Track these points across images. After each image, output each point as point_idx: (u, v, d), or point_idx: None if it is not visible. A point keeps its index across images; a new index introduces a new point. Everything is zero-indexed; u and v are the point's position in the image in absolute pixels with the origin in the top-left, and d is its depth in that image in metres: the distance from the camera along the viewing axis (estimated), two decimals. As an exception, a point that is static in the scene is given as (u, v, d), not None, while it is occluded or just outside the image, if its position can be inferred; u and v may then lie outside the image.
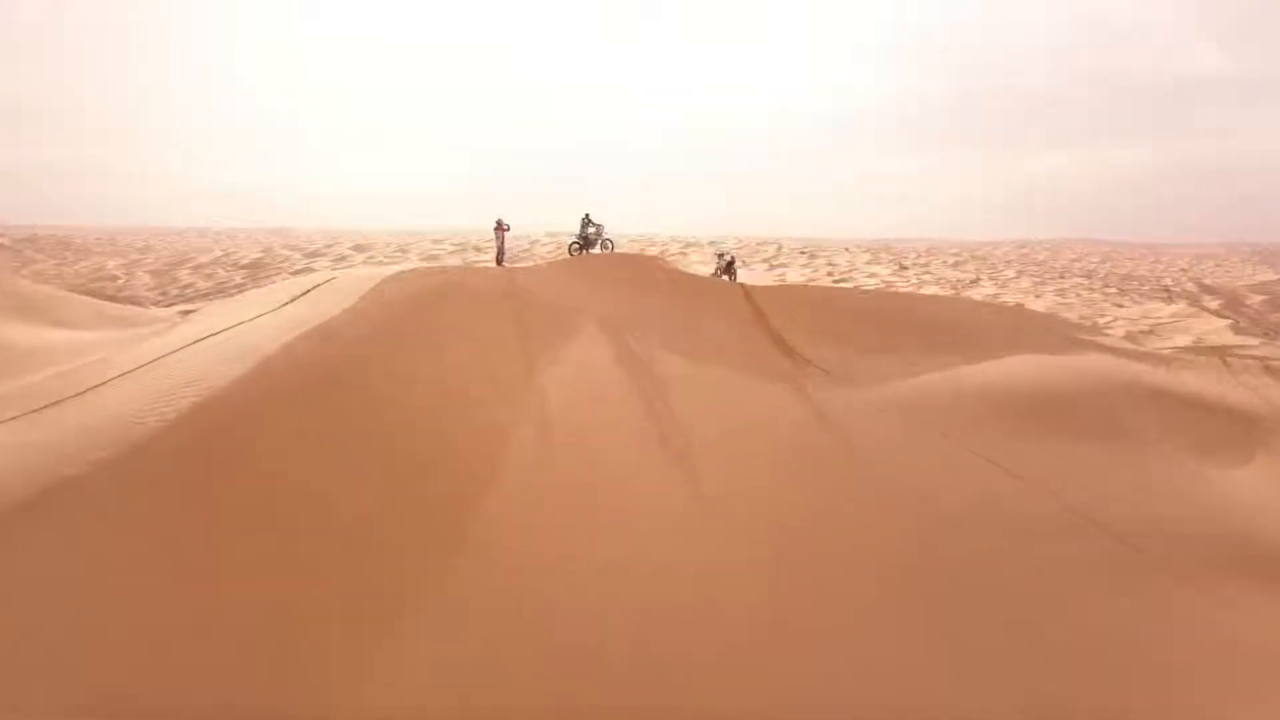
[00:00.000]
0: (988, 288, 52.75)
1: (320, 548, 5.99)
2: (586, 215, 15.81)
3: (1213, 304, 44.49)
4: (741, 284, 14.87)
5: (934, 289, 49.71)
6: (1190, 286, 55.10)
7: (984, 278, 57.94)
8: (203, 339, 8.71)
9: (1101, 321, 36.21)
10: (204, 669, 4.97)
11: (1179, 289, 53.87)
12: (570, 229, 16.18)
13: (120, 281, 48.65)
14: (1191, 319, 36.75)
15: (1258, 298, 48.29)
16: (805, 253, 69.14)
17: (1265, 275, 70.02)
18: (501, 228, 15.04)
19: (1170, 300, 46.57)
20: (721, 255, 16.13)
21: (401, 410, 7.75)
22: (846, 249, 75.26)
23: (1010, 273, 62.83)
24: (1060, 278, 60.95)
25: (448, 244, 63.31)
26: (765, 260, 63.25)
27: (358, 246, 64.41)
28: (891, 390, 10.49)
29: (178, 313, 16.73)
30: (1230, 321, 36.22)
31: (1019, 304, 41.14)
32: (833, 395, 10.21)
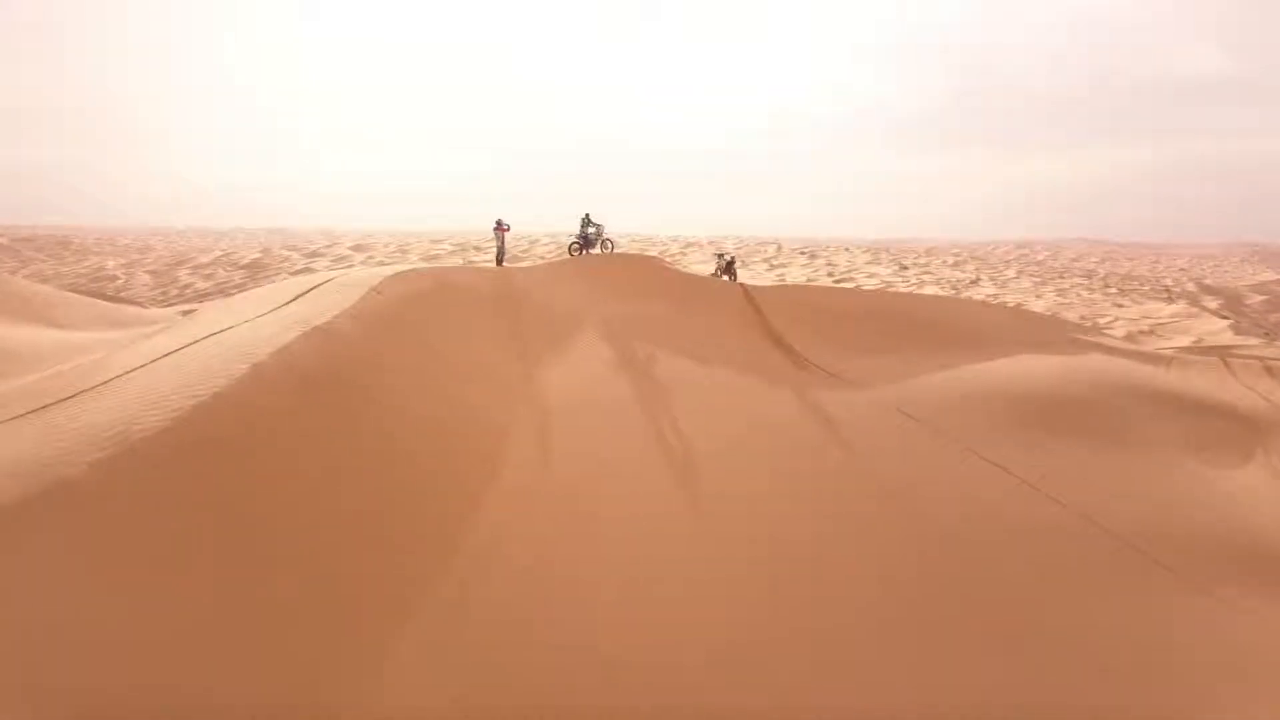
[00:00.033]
0: (988, 288, 52.77)
1: (319, 548, 5.95)
2: (586, 215, 15.79)
3: (1212, 304, 44.53)
4: (741, 284, 14.87)
5: (934, 289, 49.73)
6: (1190, 287, 55.08)
7: (984, 278, 57.96)
8: (202, 339, 8.67)
9: (1102, 322, 36.21)
10: (203, 669, 4.95)
11: (1179, 289, 53.84)
12: (570, 228, 16.16)
13: (120, 281, 48.61)
14: (1191, 319, 36.80)
15: (1258, 298, 48.33)
16: (805, 253, 69.18)
17: (1265, 275, 70.03)
18: (501, 228, 15.02)
19: (1170, 300, 46.56)
20: (721, 255, 16.13)
21: (400, 411, 7.72)
22: (846, 249, 75.28)
23: (1010, 273, 62.86)
24: (1060, 278, 60.96)
25: (447, 244, 63.28)
26: (765, 260, 63.25)
27: (357, 246, 64.39)
28: (892, 391, 10.48)
29: (177, 313, 16.69)
30: (1230, 322, 36.26)
31: (1019, 304, 41.17)
32: (833, 396, 10.19)
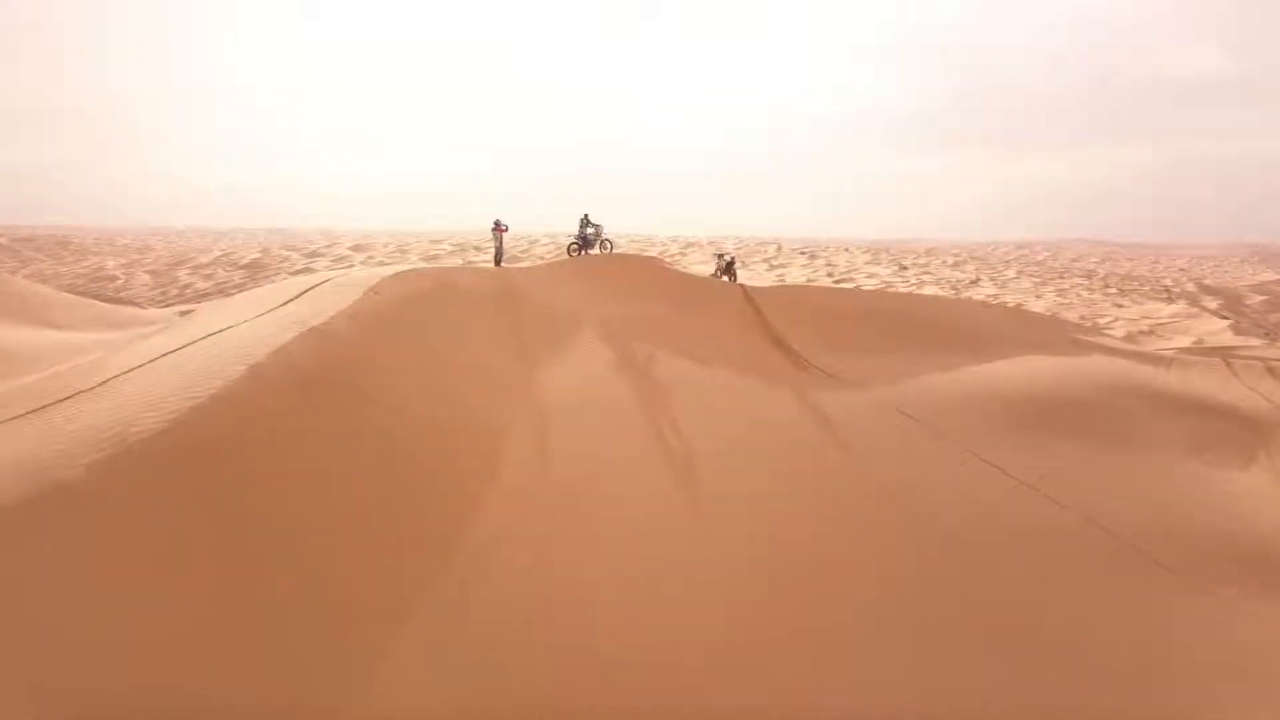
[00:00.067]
0: (988, 288, 52.75)
1: (317, 548, 5.94)
2: (585, 215, 15.75)
3: (1212, 304, 44.48)
4: (741, 285, 14.85)
5: (934, 289, 49.71)
6: (1190, 287, 55.03)
7: (984, 278, 57.94)
8: (199, 340, 8.65)
9: (1102, 322, 36.19)
10: (203, 670, 4.94)
11: (1179, 289, 53.80)
12: (570, 229, 16.12)
13: (120, 282, 48.55)
14: (1191, 319, 36.77)
15: (1258, 298, 48.26)
16: (805, 253, 69.16)
17: (1265, 275, 70.00)
18: (500, 228, 14.97)
19: (1170, 301, 46.52)
20: (721, 256, 16.12)
21: (399, 411, 7.70)
22: (846, 249, 75.26)
23: (1010, 273, 62.83)
24: (1060, 278, 60.93)
25: (447, 244, 63.25)
26: (765, 260, 63.24)
27: (357, 246, 64.35)
28: (891, 392, 10.46)
29: (175, 313, 16.66)
30: (1230, 322, 36.23)
31: (1019, 304, 41.15)
32: (832, 396, 10.17)
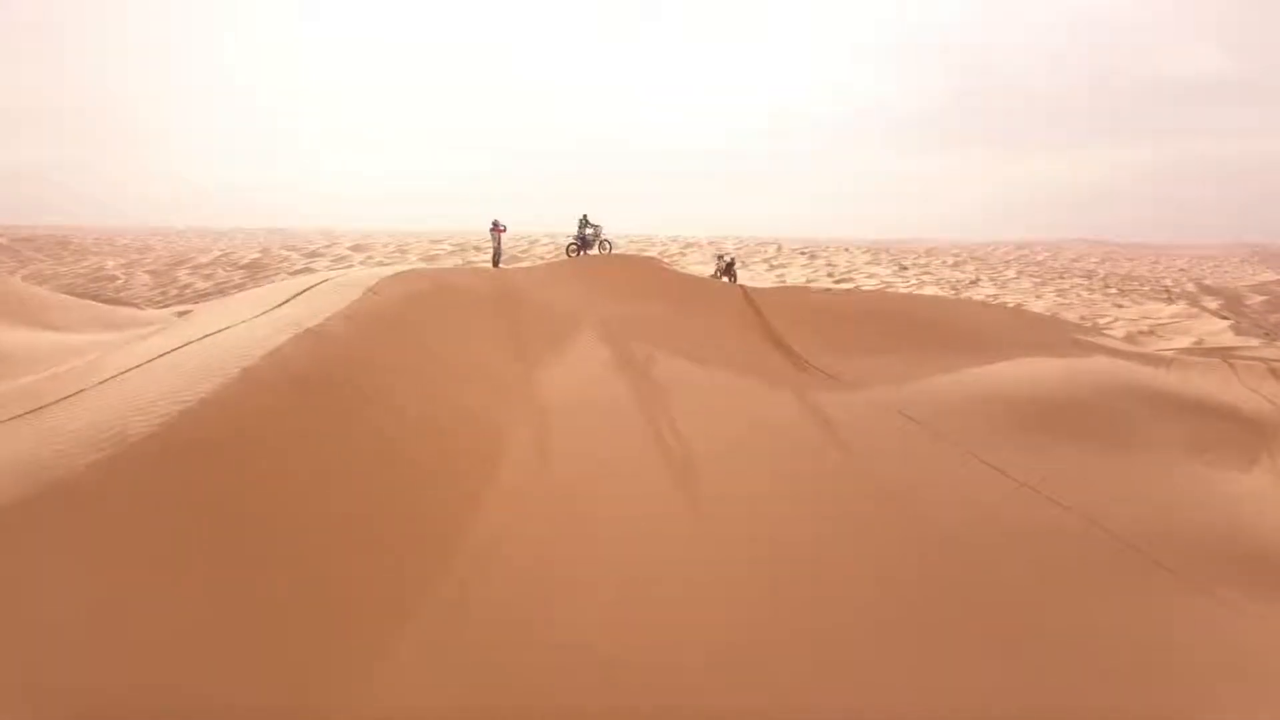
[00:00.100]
0: (988, 288, 52.74)
1: (317, 549, 5.93)
2: (584, 216, 15.69)
3: (1212, 305, 44.45)
4: (741, 286, 14.81)
5: (934, 289, 49.70)
6: (1190, 287, 55.01)
7: (984, 278, 57.92)
8: (195, 341, 8.61)
9: (1102, 322, 36.17)
10: (202, 670, 4.93)
11: (1179, 290, 53.78)
12: (570, 229, 16.06)
13: (119, 282, 48.52)
14: (1192, 320, 36.76)
15: (1258, 298, 48.24)
16: (805, 253, 69.14)
17: (1265, 276, 70.00)
18: (498, 229, 14.91)
19: (1170, 301, 46.50)
20: (721, 257, 16.09)
21: (397, 412, 7.68)
22: (846, 249, 75.23)
23: (1010, 273, 62.82)
24: (1060, 278, 60.90)
25: (447, 244, 63.24)
26: (765, 260, 63.24)
27: (356, 246, 64.34)
28: (892, 393, 10.42)
29: (173, 314, 16.62)
30: (1230, 322, 36.22)
31: (1019, 304, 41.15)
32: (832, 398, 10.14)
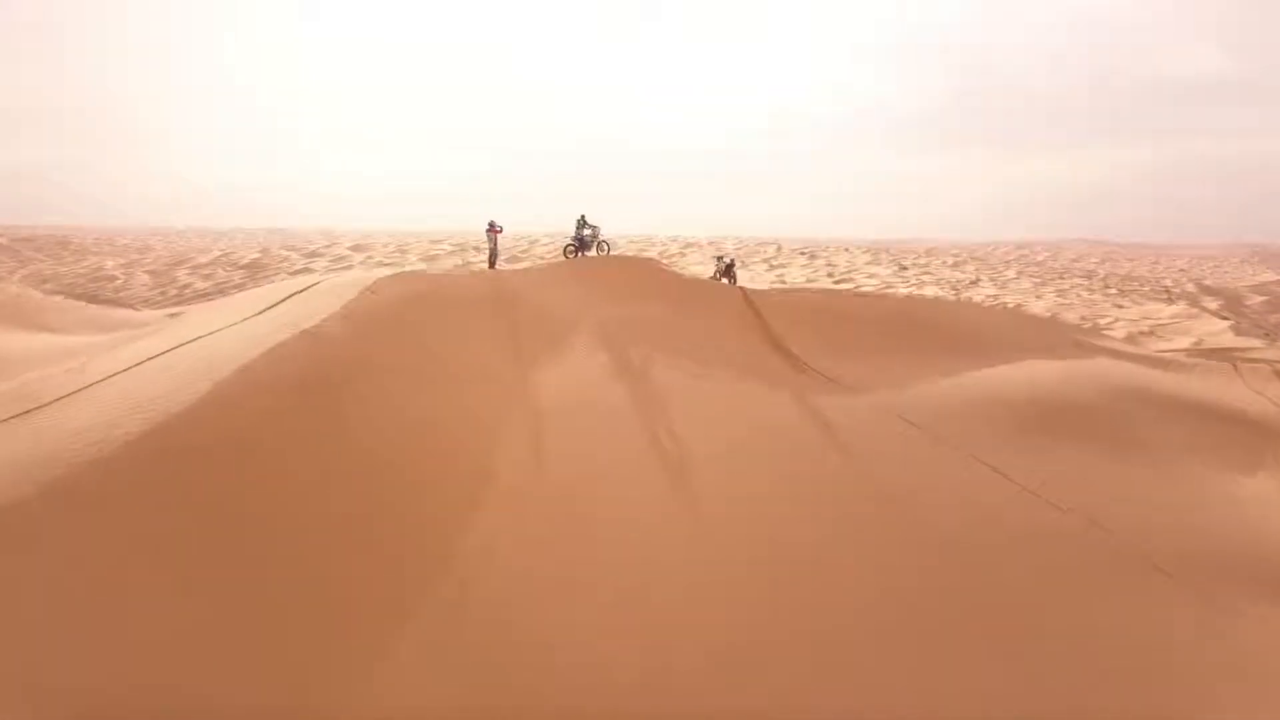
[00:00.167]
0: (988, 288, 52.69)
1: (317, 549, 5.96)
2: (582, 216, 15.61)
3: (1213, 305, 44.39)
4: (741, 287, 14.74)
5: (934, 289, 49.68)
6: (1190, 287, 54.97)
7: (984, 278, 57.89)
8: (191, 342, 8.57)
9: (1102, 323, 36.13)
10: (202, 670, 4.95)
11: (1179, 290, 53.74)
12: (570, 229, 15.97)
13: (119, 281, 48.44)
14: (1192, 320, 36.71)
15: (1258, 299, 48.16)
16: (805, 253, 69.09)
17: (1265, 276, 69.98)
18: (494, 229, 14.84)
19: (1170, 301, 46.45)
20: (721, 258, 16.04)
21: (394, 413, 7.68)
22: (846, 249, 75.20)
23: (1010, 273, 62.78)
24: (1060, 278, 60.85)
25: (446, 244, 63.20)
26: (765, 260, 63.22)
27: (356, 246, 64.29)
28: (892, 396, 10.36)
29: (166, 315, 16.55)
30: (1231, 323, 36.16)
31: (1019, 305, 41.13)
32: (832, 400, 10.07)
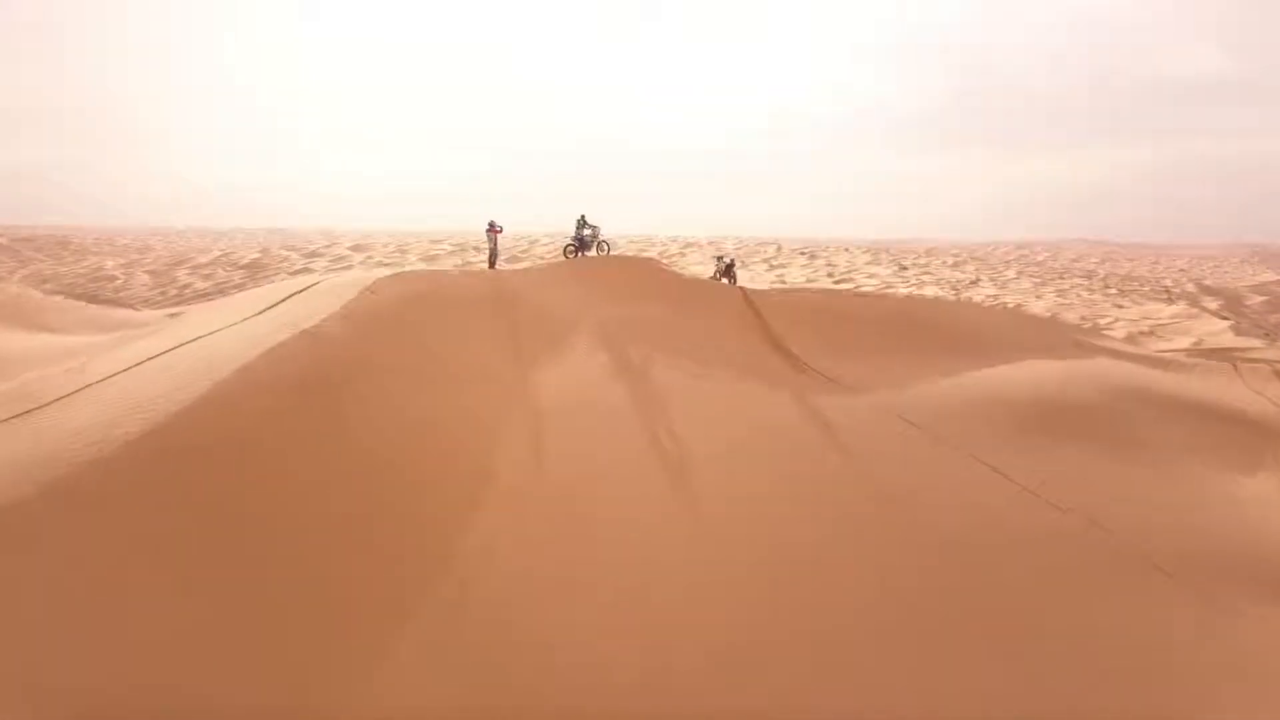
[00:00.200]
0: (988, 288, 52.67)
1: (317, 549, 5.96)
2: (582, 216, 15.58)
3: (1213, 305, 44.37)
4: (741, 287, 14.72)
5: (934, 289, 49.67)
6: (1190, 287, 54.95)
7: (984, 278, 57.86)
8: (190, 342, 8.56)
9: (1102, 323, 36.11)
10: (202, 670, 4.95)
11: (1179, 290, 53.71)
12: (570, 229, 15.95)
13: (119, 281, 48.42)
14: (1192, 320, 36.69)
15: (1258, 299, 48.13)
16: (805, 253, 69.06)
17: (1265, 276, 69.95)
18: (494, 229, 14.82)
19: (1170, 301, 46.43)
20: (721, 258, 16.03)
21: (394, 413, 7.68)
22: (846, 249, 75.17)
23: (1010, 273, 62.75)
24: (1060, 278, 60.82)
25: (447, 244, 63.18)
26: (765, 260, 63.20)
27: (356, 246, 64.26)
28: (892, 396, 10.35)
29: (166, 315, 16.54)
30: (1231, 323, 36.14)
31: (1019, 305, 41.13)
32: (832, 400, 10.06)
